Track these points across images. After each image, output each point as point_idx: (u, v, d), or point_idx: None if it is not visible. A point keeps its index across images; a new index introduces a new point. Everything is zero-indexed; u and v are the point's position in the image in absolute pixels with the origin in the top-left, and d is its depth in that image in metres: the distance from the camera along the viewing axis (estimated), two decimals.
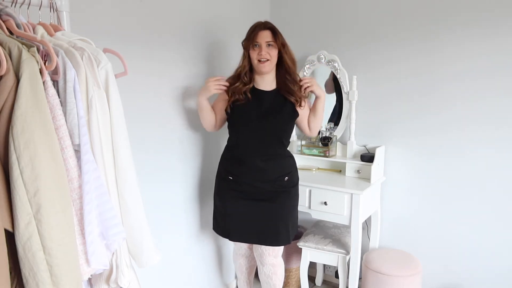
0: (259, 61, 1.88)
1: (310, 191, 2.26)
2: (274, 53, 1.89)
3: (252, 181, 1.99)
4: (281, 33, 1.92)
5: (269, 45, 1.88)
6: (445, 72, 2.21)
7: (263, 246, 2.06)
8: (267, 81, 1.98)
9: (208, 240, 2.46)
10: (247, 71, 1.95)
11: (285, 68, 1.95)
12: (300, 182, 2.25)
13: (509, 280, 2.19)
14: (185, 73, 2.16)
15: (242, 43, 1.97)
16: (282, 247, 2.12)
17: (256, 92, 1.98)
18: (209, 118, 2.06)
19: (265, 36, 1.87)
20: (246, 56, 1.94)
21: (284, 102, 1.97)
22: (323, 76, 2.57)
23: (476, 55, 2.12)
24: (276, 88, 1.99)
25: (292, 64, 1.94)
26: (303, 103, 1.99)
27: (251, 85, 1.97)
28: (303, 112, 2.05)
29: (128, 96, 1.80)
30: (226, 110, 2.01)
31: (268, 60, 1.88)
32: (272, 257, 2.09)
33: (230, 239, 2.11)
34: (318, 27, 2.60)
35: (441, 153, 2.29)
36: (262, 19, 1.98)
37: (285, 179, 2.01)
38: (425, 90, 2.28)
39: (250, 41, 1.90)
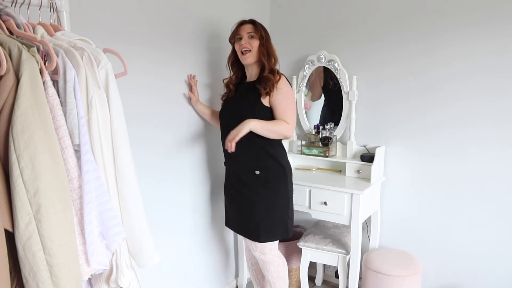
0: (242, 53, 1.97)
1: (310, 191, 2.26)
2: (255, 44, 1.96)
3: (232, 168, 2.10)
4: (264, 28, 2.01)
5: (251, 36, 1.96)
6: (445, 72, 2.21)
7: (248, 240, 2.10)
8: (251, 74, 2.05)
9: (209, 239, 2.46)
10: (232, 63, 2.10)
11: (263, 60, 1.97)
12: (300, 182, 2.26)
13: (510, 280, 2.19)
14: (186, 72, 2.17)
15: (229, 39, 2.07)
16: (268, 245, 2.06)
17: (241, 84, 2.10)
18: (210, 120, 2.25)
19: (246, 28, 1.98)
20: (232, 50, 2.07)
21: (253, 91, 1.97)
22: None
23: (476, 55, 2.12)
24: (254, 79, 2.03)
25: (268, 57, 1.97)
26: (271, 94, 1.91)
27: (234, 78, 2.11)
28: (273, 103, 1.94)
29: (128, 96, 1.80)
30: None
31: (249, 50, 1.95)
32: (258, 252, 2.09)
33: (225, 224, 2.25)
34: (318, 27, 2.60)
35: (441, 153, 2.29)
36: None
37: (256, 173, 1.98)
38: (425, 90, 2.29)
39: (233, 34, 2.02)
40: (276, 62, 2.01)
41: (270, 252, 2.09)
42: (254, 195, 2.00)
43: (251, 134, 1.91)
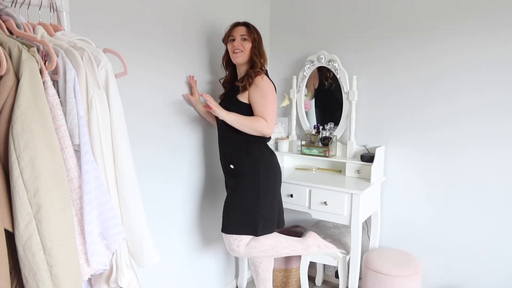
0: (233, 52, 2.03)
1: (310, 191, 2.26)
2: (247, 46, 2.02)
3: (220, 162, 2.18)
4: (257, 31, 2.06)
5: (244, 39, 2.02)
6: (445, 75, 2.21)
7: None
8: (241, 73, 2.09)
9: (209, 240, 2.46)
10: (226, 62, 2.17)
11: (254, 59, 2.03)
12: (300, 182, 2.26)
13: (510, 280, 2.19)
14: (186, 72, 2.17)
15: (222, 39, 2.13)
16: (234, 241, 2.05)
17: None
18: (210, 120, 2.27)
19: (239, 30, 2.04)
20: (226, 50, 2.13)
21: (236, 88, 2.05)
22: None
23: (476, 55, 2.12)
24: None
25: (258, 59, 2.03)
26: (249, 89, 1.98)
27: (229, 77, 2.18)
28: (251, 100, 2.00)
29: (128, 96, 1.80)
30: None
31: (241, 51, 2.01)
32: (227, 248, 2.13)
33: None
34: (318, 27, 2.60)
35: (441, 153, 2.29)
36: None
37: (231, 167, 2.07)
38: (425, 90, 2.28)
39: (227, 35, 2.08)
40: (265, 63, 2.07)
41: (238, 248, 2.06)
42: (234, 186, 2.08)
43: (229, 130, 2.00)
